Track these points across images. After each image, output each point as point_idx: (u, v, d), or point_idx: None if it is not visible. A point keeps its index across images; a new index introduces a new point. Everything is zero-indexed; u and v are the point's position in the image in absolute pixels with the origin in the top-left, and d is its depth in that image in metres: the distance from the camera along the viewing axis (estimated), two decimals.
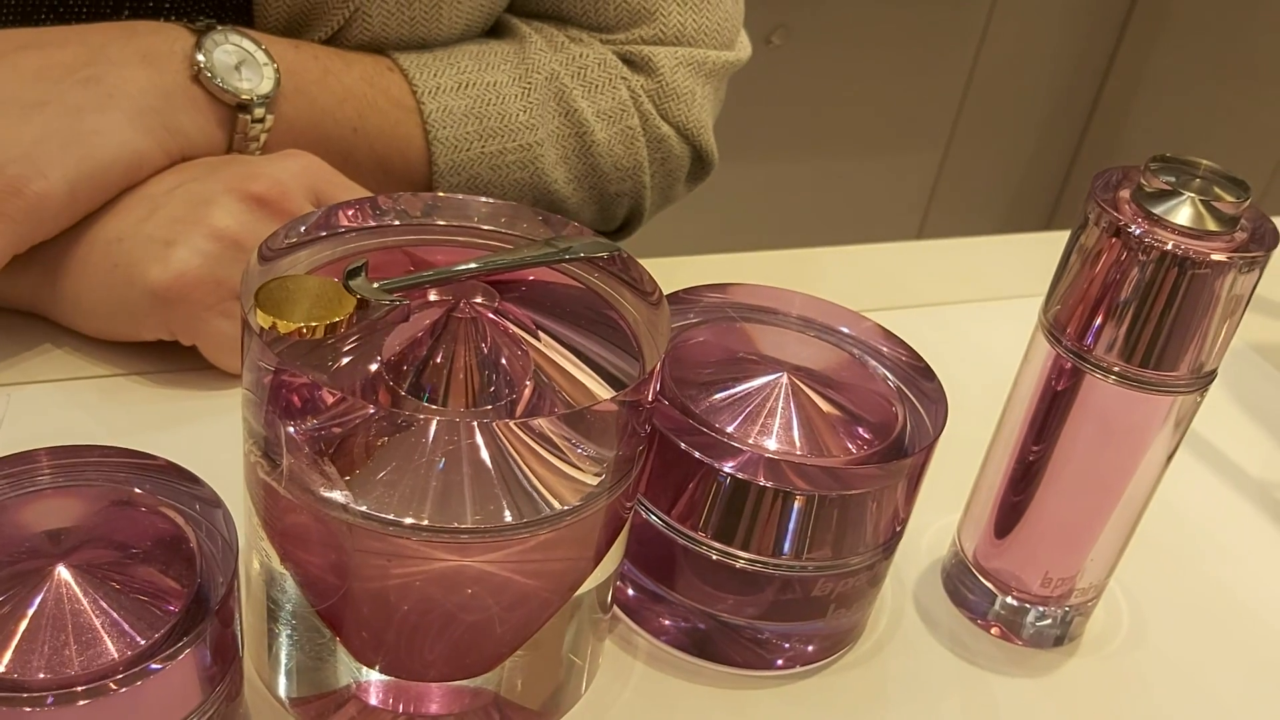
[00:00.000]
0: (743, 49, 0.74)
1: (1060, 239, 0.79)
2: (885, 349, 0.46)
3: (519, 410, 0.36)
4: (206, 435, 0.50)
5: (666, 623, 0.45)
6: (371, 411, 0.34)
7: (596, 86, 0.67)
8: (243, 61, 0.55)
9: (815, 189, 2.06)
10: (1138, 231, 0.39)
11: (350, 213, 0.39)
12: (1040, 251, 0.78)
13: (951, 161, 2.17)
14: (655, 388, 0.37)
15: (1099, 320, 0.41)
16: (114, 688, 0.31)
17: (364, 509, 0.34)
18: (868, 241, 0.78)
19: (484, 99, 0.63)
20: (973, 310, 0.70)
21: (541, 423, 0.34)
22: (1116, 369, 0.41)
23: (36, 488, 0.33)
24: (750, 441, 0.42)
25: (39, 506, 0.33)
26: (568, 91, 0.66)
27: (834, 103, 1.97)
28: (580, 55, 0.67)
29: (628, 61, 0.69)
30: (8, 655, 0.31)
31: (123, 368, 0.53)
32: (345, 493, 0.33)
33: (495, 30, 0.69)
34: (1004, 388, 0.47)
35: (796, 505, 0.41)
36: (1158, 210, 0.40)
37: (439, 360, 0.36)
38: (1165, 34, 2.09)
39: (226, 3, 0.61)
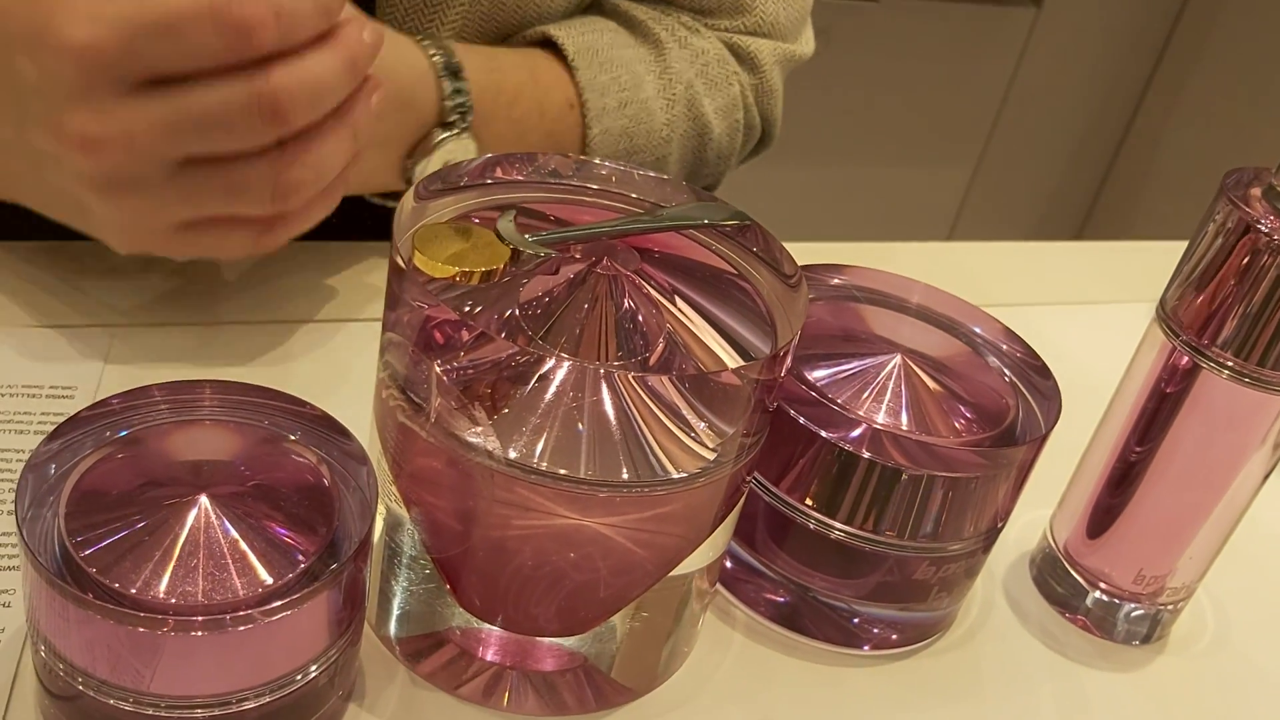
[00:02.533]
0: (809, 43, 0.76)
1: (1144, 247, 0.80)
2: (1002, 344, 0.46)
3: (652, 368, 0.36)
4: (306, 384, 0.50)
5: (765, 596, 0.45)
6: (519, 357, 0.34)
7: (716, 84, 0.68)
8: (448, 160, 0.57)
9: (847, 193, 2.06)
10: (1267, 229, 0.40)
11: (505, 165, 0.39)
12: (1122, 259, 0.79)
13: (983, 174, 2.17)
14: (787, 366, 0.37)
15: (1220, 314, 0.41)
16: (243, 622, 0.32)
17: (509, 455, 0.34)
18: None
19: (637, 118, 0.64)
20: (1057, 313, 0.70)
21: (670, 385, 0.35)
22: (1232, 364, 0.42)
23: (195, 417, 0.33)
24: (861, 415, 0.42)
25: (195, 435, 0.33)
26: (699, 98, 0.67)
27: (870, 109, 1.97)
28: (703, 51, 0.68)
29: (732, 51, 0.70)
30: (144, 577, 0.32)
31: (214, 316, 0.53)
32: (492, 438, 0.34)
33: (606, 16, 0.69)
34: (1091, 387, 0.47)
35: (904, 482, 0.41)
36: None
37: (577, 314, 0.36)
38: (1203, 59, 2.09)
39: None
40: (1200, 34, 2.09)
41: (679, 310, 0.38)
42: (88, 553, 0.31)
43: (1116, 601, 0.47)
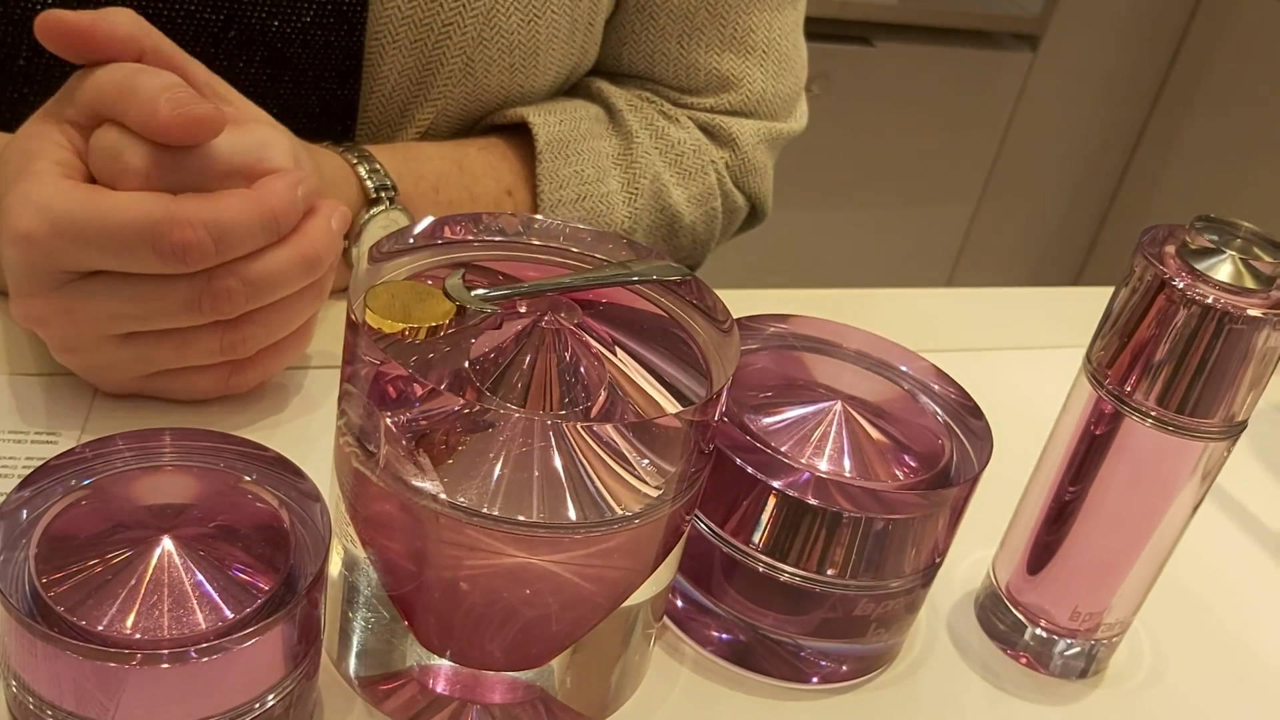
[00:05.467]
0: (801, 118, 0.78)
1: (1096, 294, 0.82)
2: (937, 387, 0.49)
3: (594, 417, 0.38)
4: (277, 427, 0.52)
5: (712, 633, 0.47)
6: (465, 409, 0.36)
7: (690, 174, 0.71)
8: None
9: (846, 236, 2.09)
10: (1181, 285, 0.42)
11: (454, 226, 0.42)
12: (1075, 305, 0.80)
13: (982, 216, 2.20)
14: (721, 408, 0.40)
15: (1140, 366, 0.43)
16: (195, 656, 0.34)
17: (452, 500, 0.36)
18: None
19: (596, 210, 0.67)
20: (1009, 357, 0.72)
21: (611, 430, 0.37)
22: (1154, 414, 0.44)
23: (157, 463, 0.36)
24: (803, 462, 0.44)
25: (157, 480, 0.36)
26: (667, 190, 0.70)
27: (870, 153, 2.00)
28: (678, 142, 0.70)
29: (711, 133, 0.72)
30: (109, 614, 0.34)
31: None
32: (436, 483, 0.36)
33: (591, 98, 0.72)
34: (1037, 430, 0.49)
35: (844, 525, 0.43)
36: (1200, 266, 0.42)
37: (523, 366, 0.38)
38: (1197, 105, 2.12)
39: (336, 65, 0.63)
40: (1195, 78, 2.12)
41: (619, 360, 0.40)
42: (56, 591, 0.34)
43: (1054, 637, 0.49)
